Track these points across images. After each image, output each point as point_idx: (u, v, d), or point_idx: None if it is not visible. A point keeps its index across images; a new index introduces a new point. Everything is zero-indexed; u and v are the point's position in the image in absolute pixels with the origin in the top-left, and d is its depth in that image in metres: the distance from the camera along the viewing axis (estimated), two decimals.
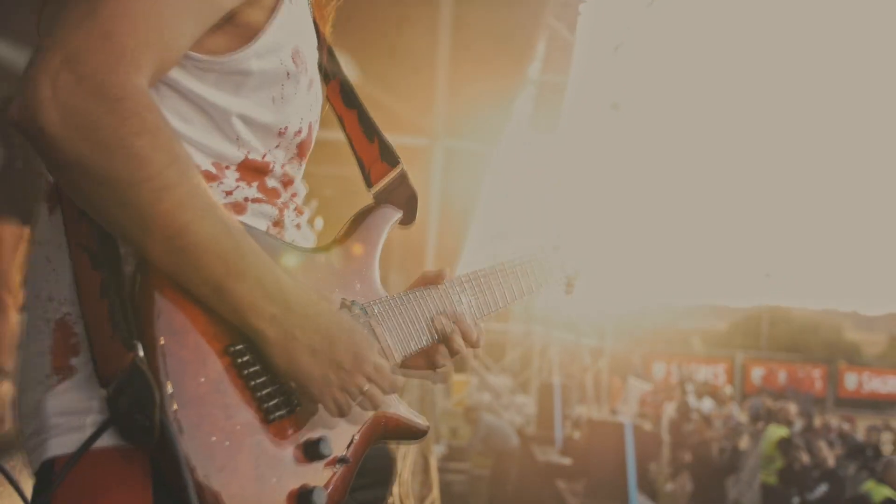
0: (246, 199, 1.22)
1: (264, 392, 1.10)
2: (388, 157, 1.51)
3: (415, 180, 1.47)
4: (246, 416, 1.07)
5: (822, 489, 10.33)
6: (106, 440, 1.01)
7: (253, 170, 1.24)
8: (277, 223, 1.28)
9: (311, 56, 1.32)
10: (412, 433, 1.36)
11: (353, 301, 1.29)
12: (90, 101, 0.93)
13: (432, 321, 1.40)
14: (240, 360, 1.08)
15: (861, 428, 16.64)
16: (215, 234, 1.03)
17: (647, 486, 12.25)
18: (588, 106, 16.81)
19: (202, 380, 1.03)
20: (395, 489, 4.83)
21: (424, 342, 1.39)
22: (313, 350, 1.10)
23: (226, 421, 1.04)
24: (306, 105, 1.31)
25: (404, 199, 1.48)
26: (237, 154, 1.20)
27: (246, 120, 1.20)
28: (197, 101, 1.15)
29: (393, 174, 1.50)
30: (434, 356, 1.43)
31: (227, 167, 1.20)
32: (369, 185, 1.50)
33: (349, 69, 1.55)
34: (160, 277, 1.03)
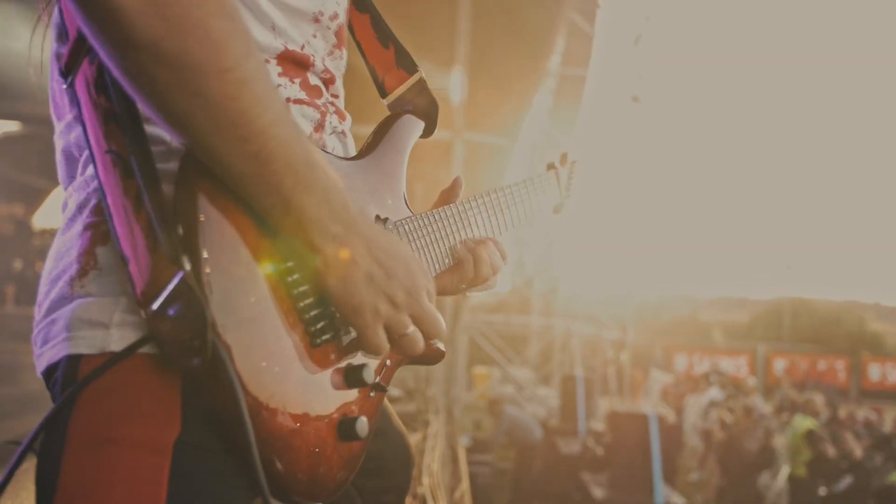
0: (288, 100, 1.11)
1: (311, 314, 1.02)
2: (405, 63, 1.39)
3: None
4: (294, 339, 0.99)
5: (846, 481, 10.26)
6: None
7: (294, 63, 1.13)
8: (319, 128, 1.17)
9: None
10: (435, 357, 1.27)
11: (387, 218, 1.21)
12: None
13: (455, 241, 1.32)
14: (289, 279, 1.00)
15: (888, 419, 16.48)
16: (290, 140, 0.93)
17: (671, 477, 12.24)
18: (608, 99, 16.73)
19: (253, 299, 0.95)
20: (426, 480, 4.88)
21: (446, 264, 1.31)
22: (370, 278, 1.01)
23: (275, 344, 0.97)
24: None
25: (424, 109, 1.37)
26: (275, 44, 1.09)
27: (277, 3, 1.08)
28: None
29: (410, 82, 1.38)
30: (457, 275, 1.32)
31: (266, 60, 1.08)
32: (383, 94, 1.39)
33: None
34: (208, 184, 0.93)
